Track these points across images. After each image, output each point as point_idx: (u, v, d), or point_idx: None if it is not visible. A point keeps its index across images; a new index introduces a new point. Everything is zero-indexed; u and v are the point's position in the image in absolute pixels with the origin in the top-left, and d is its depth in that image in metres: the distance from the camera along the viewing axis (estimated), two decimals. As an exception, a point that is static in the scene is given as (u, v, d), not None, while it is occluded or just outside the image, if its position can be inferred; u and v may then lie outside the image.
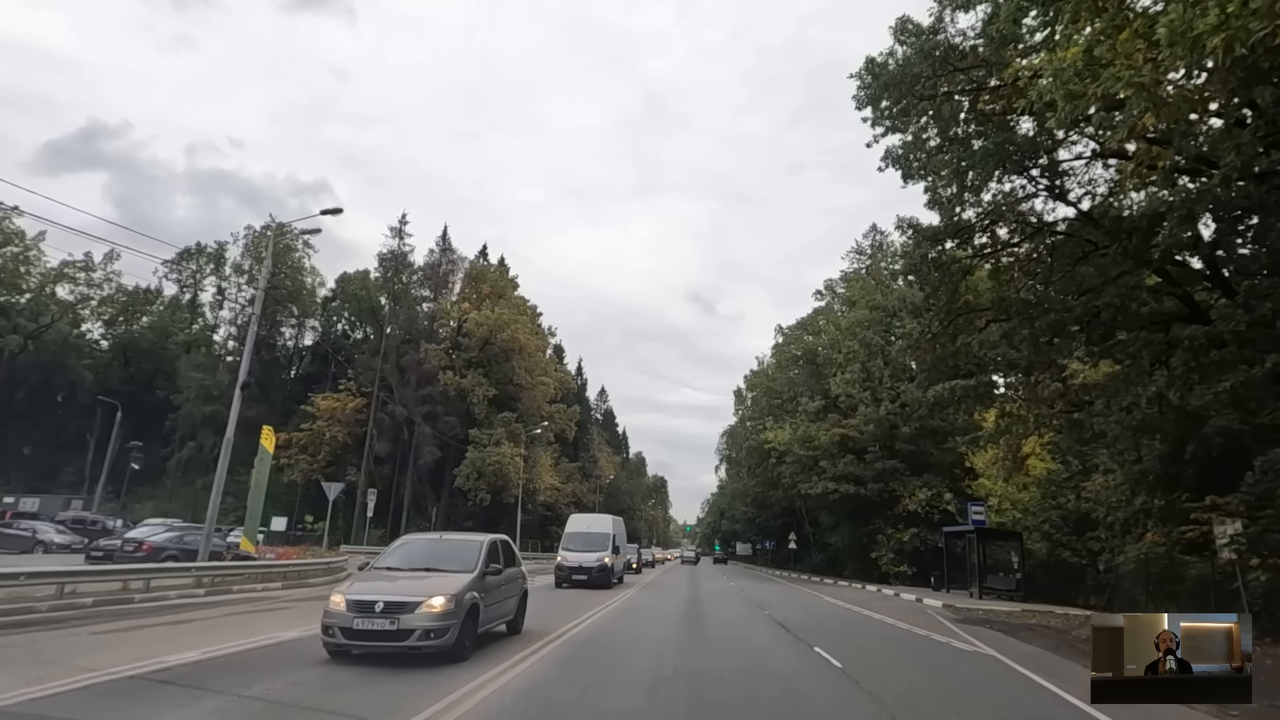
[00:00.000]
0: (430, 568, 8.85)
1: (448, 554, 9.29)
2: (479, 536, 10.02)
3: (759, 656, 9.95)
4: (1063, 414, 14.87)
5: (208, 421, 51.94)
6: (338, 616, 7.81)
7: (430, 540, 10.38)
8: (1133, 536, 22.05)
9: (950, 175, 17.34)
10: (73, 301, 60.49)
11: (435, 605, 7.83)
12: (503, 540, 10.52)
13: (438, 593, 8.00)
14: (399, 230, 56.45)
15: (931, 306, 18.99)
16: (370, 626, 7.69)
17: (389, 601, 7.82)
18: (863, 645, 11.82)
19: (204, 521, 17.34)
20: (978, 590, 24.89)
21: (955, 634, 14.41)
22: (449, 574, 8.60)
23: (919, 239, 18.33)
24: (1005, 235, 18.96)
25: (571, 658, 9.02)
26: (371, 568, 9.37)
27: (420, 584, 8.29)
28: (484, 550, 9.37)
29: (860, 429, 36.84)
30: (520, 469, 50.52)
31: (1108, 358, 15.08)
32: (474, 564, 8.96)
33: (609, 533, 24.00)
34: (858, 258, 50.57)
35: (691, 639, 11.51)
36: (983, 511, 25.89)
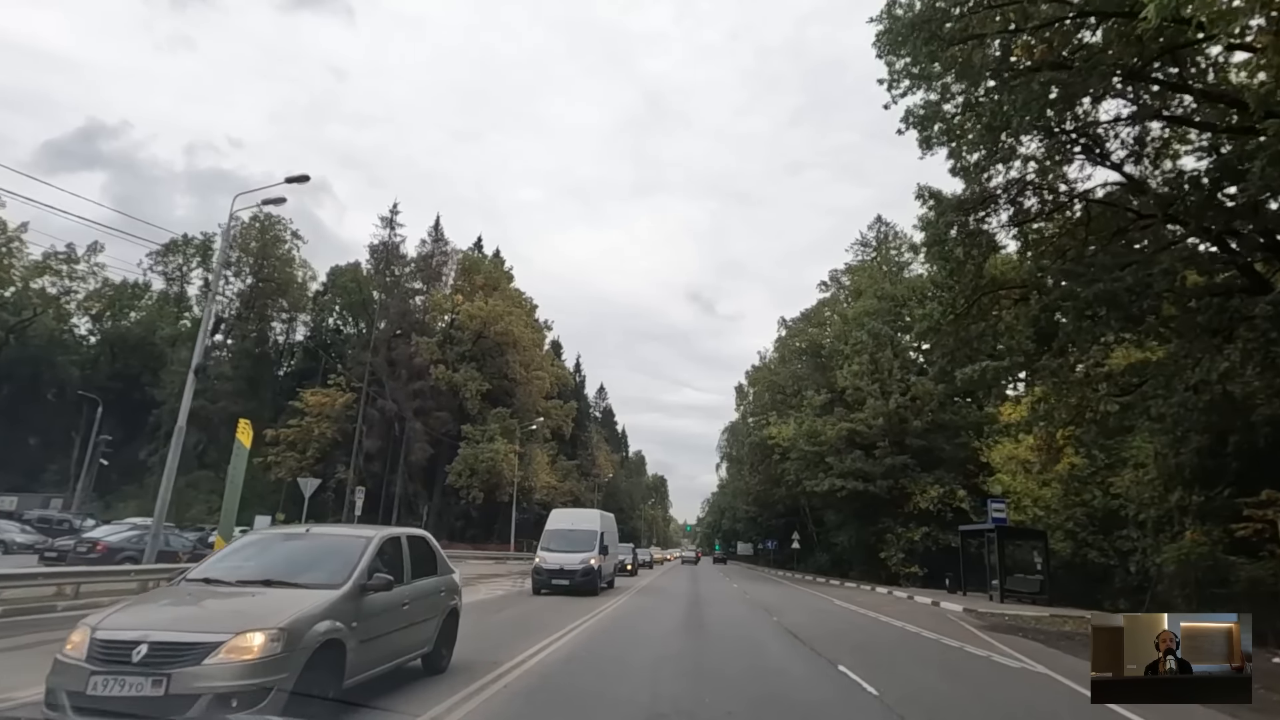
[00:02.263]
0: (274, 580, 5.63)
1: (308, 558, 6.09)
2: (367, 531, 6.70)
3: (775, 681, 8.24)
4: (1110, 397, 13.16)
5: (191, 417, 50.05)
6: (68, 672, 4.57)
7: (285, 537, 6.91)
8: (1167, 535, 20.51)
9: (979, 136, 15.75)
10: (55, 295, 58.79)
11: (245, 648, 4.60)
12: (414, 537, 7.43)
13: (256, 625, 4.75)
14: (390, 220, 54.77)
15: (955, 283, 17.40)
16: (118, 691, 4.41)
17: (158, 644, 4.56)
18: (893, 662, 10.17)
19: (185, 521, 15.75)
20: (999, 593, 23.24)
21: (990, 645, 12.79)
22: (302, 590, 5.48)
23: (942, 209, 16.69)
24: (1035, 206, 17.42)
25: (524, 707, 6.40)
26: (184, 579, 6.04)
27: (238, 608, 5.21)
28: (367, 553, 6.03)
29: (868, 423, 35.17)
30: (515, 466, 48.84)
31: (1160, 334, 13.42)
32: (346, 574, 5.71)
33: (596, 530, 20.75)
34: (862, 250, 49.03)
35: (693, 657, 9.70)
36: (1003, 508, 24.22)
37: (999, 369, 14.92)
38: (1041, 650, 12.21)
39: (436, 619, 7.24)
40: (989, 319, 16.94)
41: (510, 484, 47.45)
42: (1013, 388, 25.73)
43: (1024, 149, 16.31)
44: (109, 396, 51.82)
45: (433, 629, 7.17)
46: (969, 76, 14.43)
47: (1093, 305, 12.38)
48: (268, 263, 58.53)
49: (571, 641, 10.42)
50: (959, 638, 13.84)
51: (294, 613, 5.00)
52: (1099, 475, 25.10)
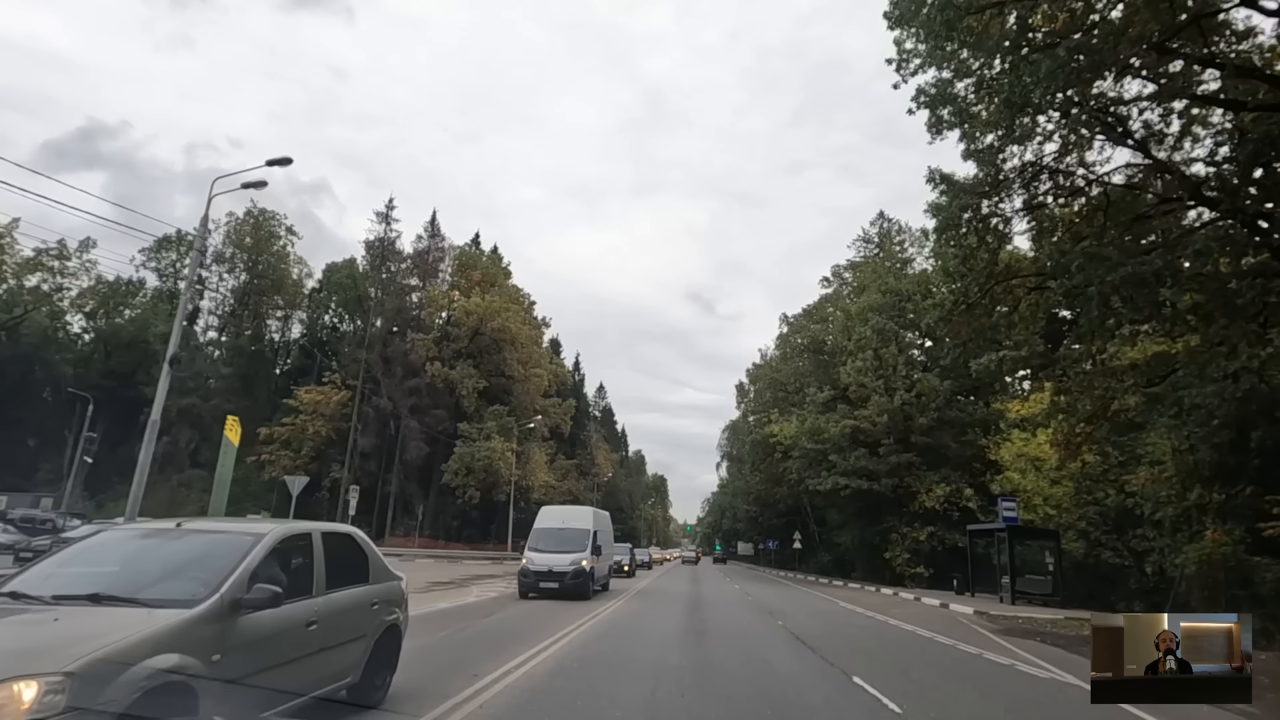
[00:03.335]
0: (106, 595, 4.05)
1: (165, 565, 4.56)
2: (260, 527, 5.06)
3: (786, 698, 7.38)
4: (1137, 388, 12.38)
5: (183, 415, 49.47)
6: None
7: (144, 535, 5.10)
8: (1185, 535, 19.79)
9: (995, 114, 15.00)
10: (48, 292, 58.00)
11: (5, 705, 3.07)
12: (333, 535, 5.77)
13: (27, 669, 3.17)
14: (385, 215, 53.87)
15: (968, 271, 16.65)
16: None
17: None
18: (910, 671, 9.39)
19: (167, 519, 14.95)
20: (1009, 594, 22.48)
21: (1009, 651, 12.03)
22: (140, 611, 3.87)
23: (955, 192, 15.93)
24: (1051, 190, 16.66)
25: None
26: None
27: (18, 642, 3.54)
28: (249, 558, 4.44)
29: (873, 420, 34.38)
30: (511, 465, 48.03)
31: (1188, 321, 12.64)
32: (212, 587, 4.14)
33: (588, 529, 19.17)
34: (865, 246, 48.29)
35: (694, 671, 8.78)
36: (1014, 507, 23.44)
37: (1015, 359, 14.14)
38: (1065, 658, 11.44)
39: (365, 640, 5.66)
40: (1002, 308, 16.21)
41: (507, 483, 46.65)
42: (1023, 383, 24.99)
43: (1041, 129, 15.60)
44: (102, 395, 51.05)
45: (359, 653, 5.57)
46: (985, 49, 13.69)
47: (1119, 289, 11.59)
48: (262, 259, 57.72)
49: (556, 655, 9.17)
50: (975, 643, 13.08)
51: (98, 647, 3.35)
52: (1112, 473, 24.36)
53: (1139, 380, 12.53)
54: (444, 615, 13.30)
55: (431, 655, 8.36)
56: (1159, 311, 12.00)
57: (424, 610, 13.56)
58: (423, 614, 12.65)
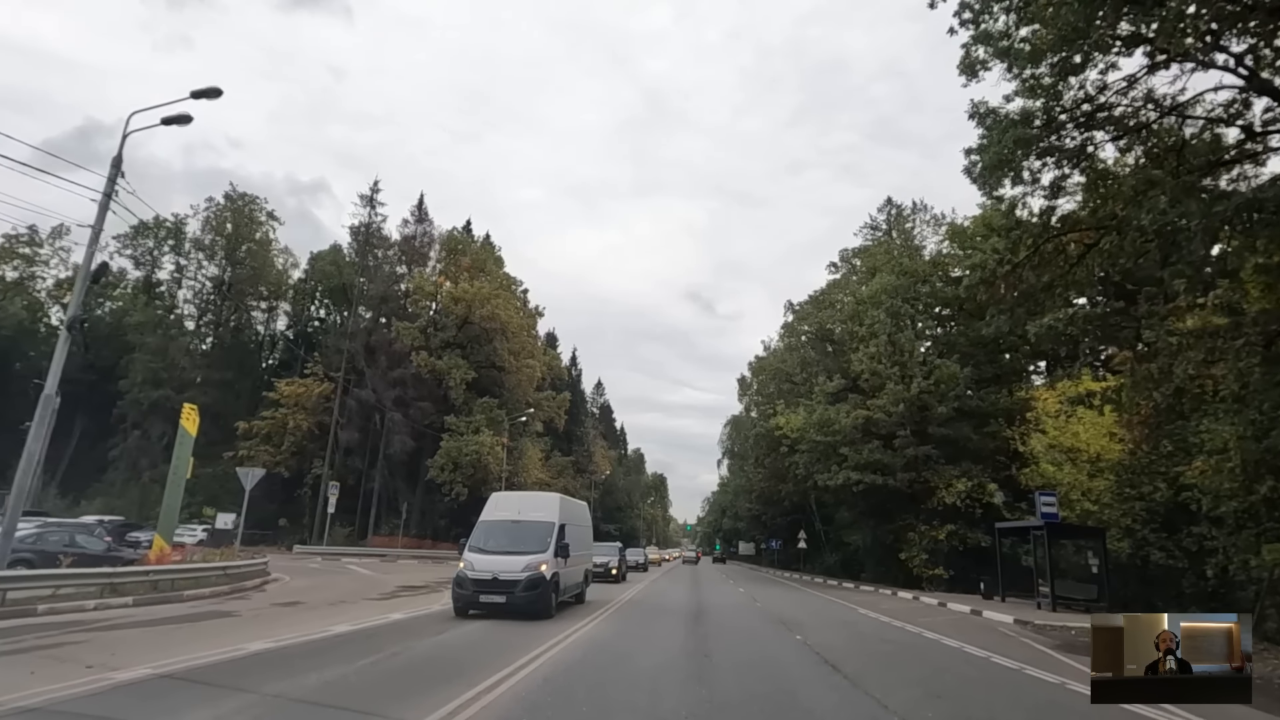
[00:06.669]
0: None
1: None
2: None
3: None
4: (1248, 348, 9.95)
5: (155, 408, 46.94)
6: None
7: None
8: (1252, 532, 17.38)
9: (1054, 38, 12.63)
10: (19, 279, 55.48)
11: None
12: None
13: None
14: (370, 199, 51.31)
15: (1016, 225, 14.24)
16: None
17: None
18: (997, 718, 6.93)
19: (150, 519, 12.53)
20: (1049, 600, 20.03)
21: (1085, 675, 9.57)
22: None
23: (1004, 127, 13.50)
24: (1113, 131, 14.25)
25: None
26: None
27: None
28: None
29: (887, 410, 31.85)
30: (502, 460, 45.55)
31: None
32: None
33: (552, 522, 14.11)
34: (872, 234, 45.81)
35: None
36: (1054, 502, 20.97)
37: (1089, 316, 11.66)
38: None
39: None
40: (1057, 264, 13.80)
41: (498, 479, 44.13)
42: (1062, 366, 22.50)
43: (1103, 59, 13.19)
44: (80, 389, 48.50)
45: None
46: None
47: (1230, 221, 9.14)
48: (242, 247, 55.17)
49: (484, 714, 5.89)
50: (1039, 664, 10.71)
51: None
52: (1160, 464, 21.93)
53: (1253, 337, 10.01)
54: (351, 641, 9.93)
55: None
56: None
57: (338, 629, 11.21)
58: (330, 636, 10.24)
